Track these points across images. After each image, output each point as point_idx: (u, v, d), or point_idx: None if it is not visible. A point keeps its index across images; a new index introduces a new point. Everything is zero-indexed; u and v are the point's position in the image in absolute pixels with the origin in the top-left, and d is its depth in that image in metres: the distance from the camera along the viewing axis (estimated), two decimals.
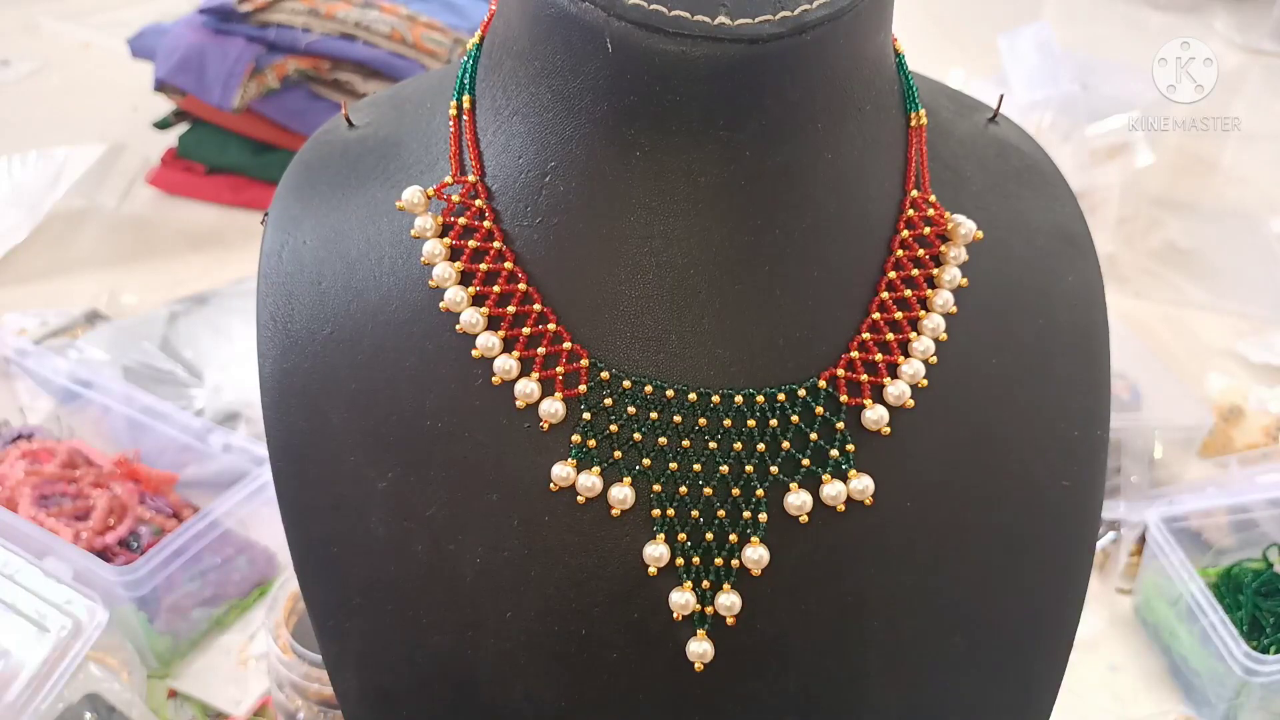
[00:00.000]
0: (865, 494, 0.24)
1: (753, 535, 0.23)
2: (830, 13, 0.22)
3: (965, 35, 1.21)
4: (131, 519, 0.58)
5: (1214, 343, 0.83)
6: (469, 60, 0.26)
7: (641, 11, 0.21)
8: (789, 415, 0.23)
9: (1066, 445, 0.26)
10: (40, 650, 0.47)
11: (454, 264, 0.24)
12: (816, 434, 0.24)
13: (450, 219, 0.24)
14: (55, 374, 0.68)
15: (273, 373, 0.25)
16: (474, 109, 0.25)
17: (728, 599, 0.23)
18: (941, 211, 0.25)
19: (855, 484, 0.24)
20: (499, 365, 0.24)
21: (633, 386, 0.23)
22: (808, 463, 0.23)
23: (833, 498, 0.24)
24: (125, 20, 1.07)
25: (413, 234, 0.24)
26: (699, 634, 0.24)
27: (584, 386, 0.23)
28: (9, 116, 1.16)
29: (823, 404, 0.24)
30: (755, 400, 0.23)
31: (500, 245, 0.24)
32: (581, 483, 0.23)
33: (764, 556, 0.23)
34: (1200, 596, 0.55)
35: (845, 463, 0.24)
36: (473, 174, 0.25)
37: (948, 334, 0.25)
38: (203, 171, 0.99)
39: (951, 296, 0.25)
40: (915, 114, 0.26)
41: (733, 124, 0.22)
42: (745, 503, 0.23)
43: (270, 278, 0.26)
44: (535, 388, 0.23)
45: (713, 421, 0.23)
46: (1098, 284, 0.28)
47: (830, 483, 0.24)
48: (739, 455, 0.23)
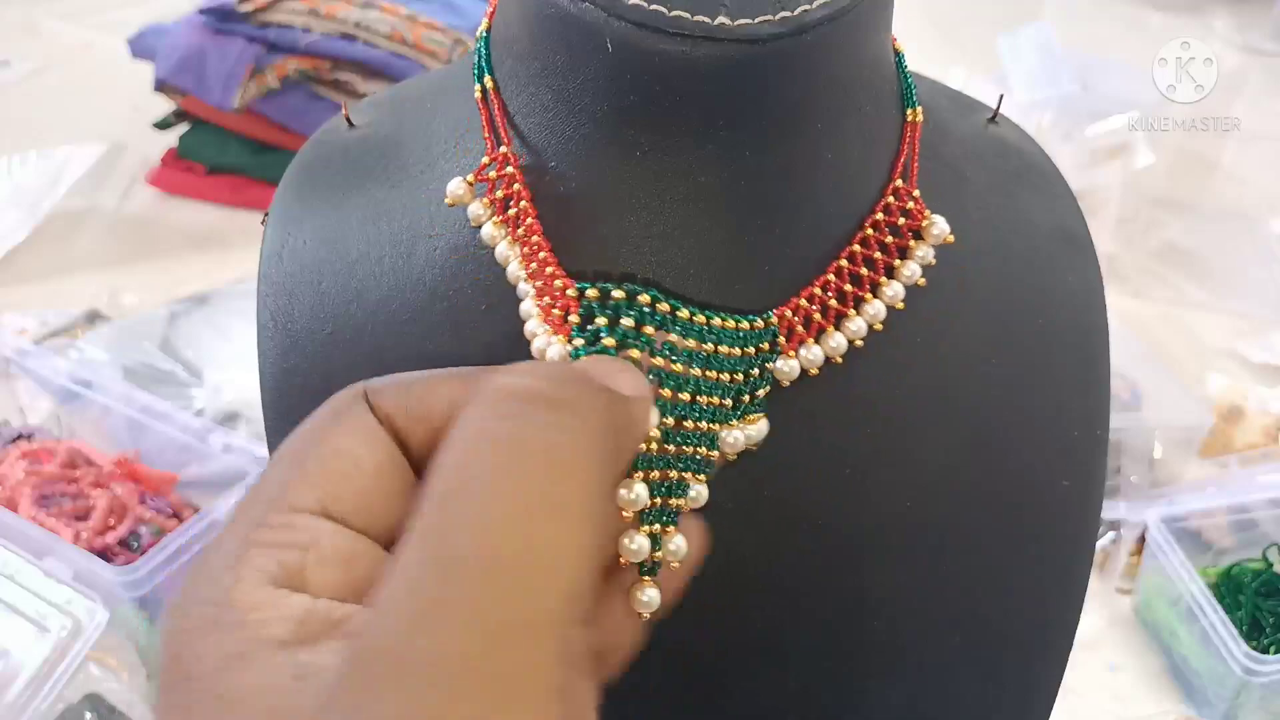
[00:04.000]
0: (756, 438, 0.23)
1: (700, 472, 0.22)
2: (830, 13, 0.22)
3: (965, 35, 1.21)
4: (131, 519, 0.58)
5: (1214, 343, 0.83)
6: (480, 45, 0.26)
7: (641, 11, 0.21)
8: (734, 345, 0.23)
9: (1066, 445, 0.26)
10: (40, 650, 0.47)
11: (509, 238, 0.24)
12: (756, 370, 0.23)
13: (494, 196, 0.24)
14: (55, 374, 0.68)
15: (273, 373, 0.25)
16: (497, 89, 0.25)
17: (674, 541, 0.22)
18: (922, 208, 0.25)
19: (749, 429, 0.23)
20: (538, 345, 0.23)
21: (626, 295, 0.22)
22: (729, 403, 0.23)
23: (730, 444, 0.23)
24: (125, 20, 1.07)
25: (473, 223, 0.24)
26: (645, 580, 0.22)
27: (575, 317, 0.23)
28: (9, 116, 1.16)
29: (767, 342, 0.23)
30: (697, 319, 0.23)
31: (526, 204, 0.24)
32: None
33: (703, 493, 0.22)
34: (1200, 596, 0.55)
35: (754, 408, 0.23)
36: (504, 145, 0.24)
37: (945, 333, 0.25)
38: (203, 171, 0.99)
39: (902, 291, 0.24)
40: (912, 110, 0.26)
41: (733, 124, 0.22)
42: (696, 438, 0.23)
43: (270, 278, 0.26)
44: (564, 349, 0.23)
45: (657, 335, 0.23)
46: (1098, 284, 0.28)
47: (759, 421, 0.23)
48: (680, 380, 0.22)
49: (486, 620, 0.13)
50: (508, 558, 0.14)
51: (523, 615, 0.13)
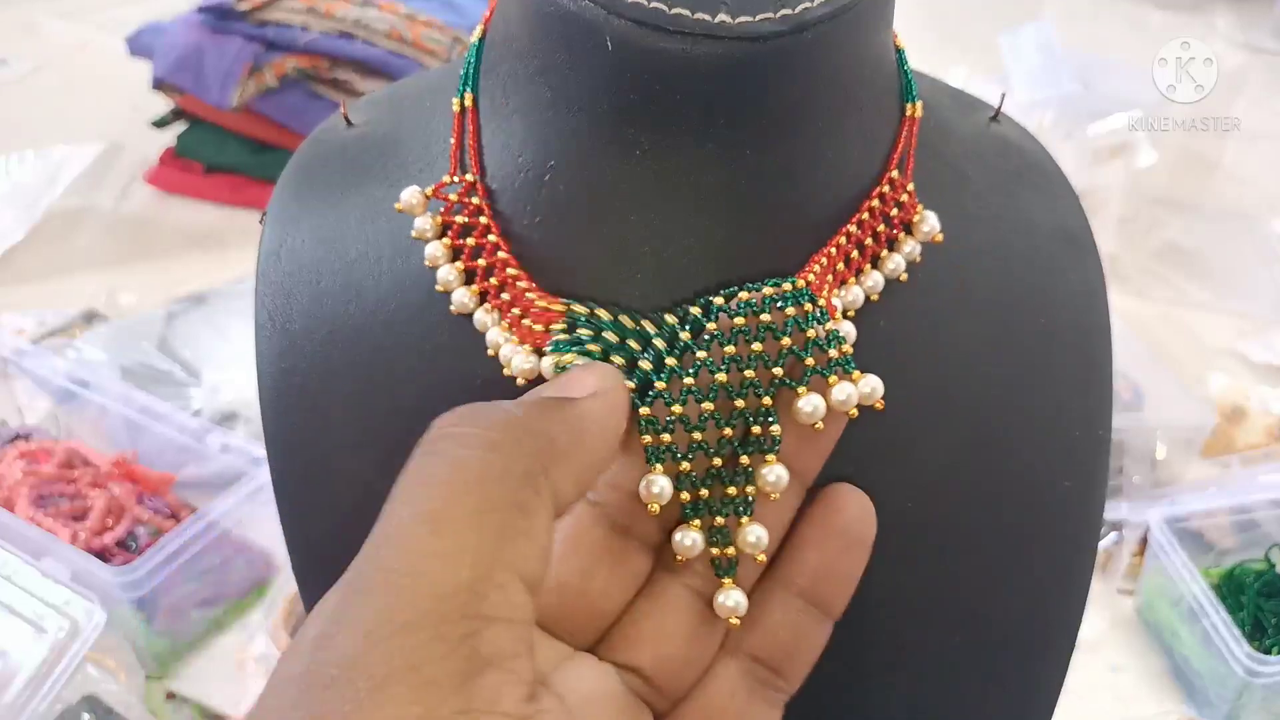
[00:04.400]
0: (874, 396, 0.22)
1: (768, 452, 0.21)
2: (831, 11, 0.21)
3: (966, 34, 1.21)
4: (129, 519, 0.58)
5: (1216, 342, 0.83)
6: (471, 55, 0.26)
7: (641, 9, 0.21)
8: (785, 306, 0.22)
9: (1068, 445, 0.26)
10: (38, 651, 0.47)
11: (456, 265, 0.24)
12: (813, 330, 0.22)
13: (448, 218, 0.24)
14: (53, 374, 0.68)
15: (271, 373, 0.25)
16: (476, 106, 0.25)
17: (753, 533, 0.21)
18: (915, 201, 0.25)
19: (863, 385, 0.22)
20: (517, 364, 0.23)
21: (609, 315, 0.22)
22: (811, 361, 0.21)
23: (842, 402, 0.21)
24: (123, 19, 1.07)
25: (413, 235, 0.24)
26: (726, 583, 0.22)
27: (560, 325, 0.22)
28: (7, 115, 1.16)
29: (807, 302, 0.22)
30: (737, 299, 0.22)
31: (495, 239, 0.24)
32: None
33: (783, 476, 0.21)
34: (1202, 597, 0.55)
35: (847, 365, 0.22)
36: (471, 173, 0.24)
37: (946, 332, 0.25)
38: (201, 170, 0.99)
39: (882, 281, 0.24)
40: (911, 104, 0.25)
41: (734, 122, 0.22)
42: (753, 417, 0.22)
43: (268, 277, 0.26)
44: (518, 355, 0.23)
45: (698, 332, 0.22)
46: (1100, 284, 0.28)
47: (839, 384, 0.21)
48: (736, 360, 0.21)
49: (362, 626, 0.15)
50: (380, 576, 0.16)
51: (390, 623, 0.15)
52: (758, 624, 0.22)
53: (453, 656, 0.15)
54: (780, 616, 0.22)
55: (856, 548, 0.22)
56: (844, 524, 0.22)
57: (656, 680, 0.22)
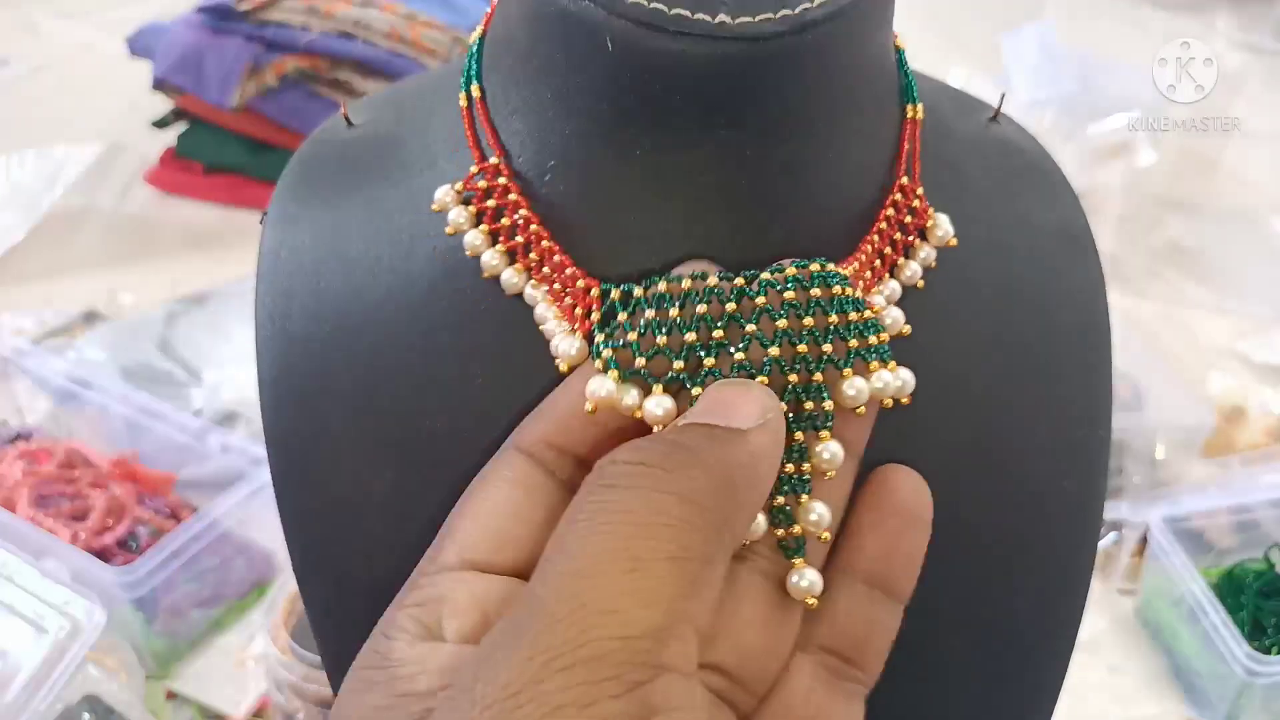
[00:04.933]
0: (904, 391, 0.22)
1: (821, 429, 0.21)
2: (831, 11, 0.21)
3: (967, 34, 1.21)
4: (130, 519, 0.58)
5: (1216, 343, 0.83)
6: (474, 51, 0.26)
7: (641, 10, 0.21)
8: (830, 285, 0.21)
9: (1068, 446, 0.26)
10: (38, 651, 0.47)
11: (497, 248, 0.24)
12: (856, 312, 0.21)
13: (481, 205, 0.24)
14: (53, 374, 0.68)
15: (271, 373, 0.25)
16: (484, 97, 0.25)
17: (814, 510, 0.21)
18: (926, 206, 0.25)
19: (897, 377, 0.22)
20: (559, 346, 0.23)
21: (646, 291, 0.22)
22: (855, 343, 0.21)
23: (880, 389, 0.21)
24: (124, 19, 1.07)
25: (448, 231, 0.24)
26: (797, 563, 0.21)
27: (597, 313, 0.22)
28: (7, 115, 1.15)
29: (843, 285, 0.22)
30: (786, 272, 0.21)
31: (525, 212, 0.24)
32: (593, 388, 0.21)
33: (838, 453, 0.21)
34: (1202, 597, 0.55)
35: (884, 354, 0.21)
36: (494, 156, 0.24)
37: (946, 333, 0.25)
38: (201, 171, 0.99)
39: (899, 289, 0.24)
40: (912, 106, 0.25)
41: (733, 123, 0.22)
42: (805, 392, 0.21)
43: (268, 277, 0.26)
44: (580, 344, 0.22)
45: (744, 305, 0.21)
46: (1100, 284, 0.28)
47: (879, 370, 0.21)
48: (787, 335, 0.21)
49: (538, 658, 0.15)
50: (567, 606, 0.16)
51: (573, 654, 0.15)
52: (824, 615, 0.22)
53: (626, 699, 0.15)
54: (847, 605, 0.22)
55: (916, 527, 0.22)
56: (899, 503, 0.22)
57: (739, 675, 0.21)
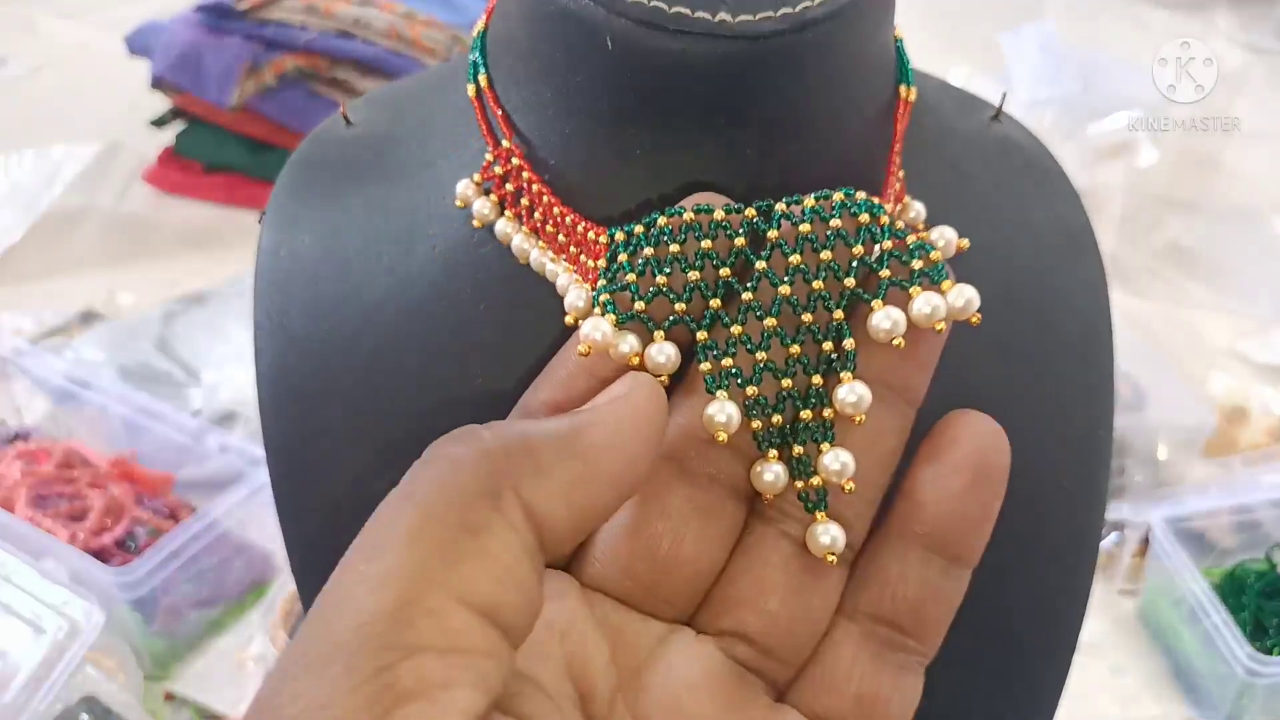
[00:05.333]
0: (970, 309, 0.19)
1: (841, 370, 0.19)
2: (832, 10, 0.21)
3: (967, 33, 1.21)
4: (128, 520, 0.58)
5: (1217, 342, 0.83)
6: (477, 44, 0.26)
7: (641, 9, 0.21)
8: (855, 215, 0.19)
9: (1069, 446, 0.26)
10: (37, 652, 0.47)
11: (523, 229, 0.23)
12: (891, 240, 0.19)
13: (501, 191, 0.24)
14: (52, 374, 0.68)
15: (270, 372, 0.25)
16: (491, 86, 0.25)
17: (836, 459, 0.19)
18: (903, 189, 0.25)
19: (954, 296, 0.19)
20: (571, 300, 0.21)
21: (645, 229, 0.20)
22: (887, 273, 0.19)
23: (924, 316, 0.19)
24: (122, 18, 1.07)
25: (476, 223, 0.24)
26: (819, 516, 0.19)
27: (602, 261, 0.21)
28: (5, 115, 1.15)
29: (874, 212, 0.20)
30: (803, 203, 0.19)
31: (538, 187, 0.23)
32: (586, 330, 0.19)
33: (864, 396, 0.19)
34: (1203, 597, 0.55)
35: (936, 274, 0.19)
36: (505, 139, 0.24)
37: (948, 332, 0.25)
38: (200, 170, 0.99)
39: None
40: (906, 87, 0.25)
41: (734, 122, 0.22)
42: (825, 334, 0.19)
43: (267, 277, 0.26)
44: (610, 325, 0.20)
45: (753, 240, 0.20)
46: (1101, 284, 0.28)
47: (923, 294, 0.19)
48: (802, 270, 0.19)
49: (294, 658, 0.15)
50: (317, 607, 0.15)
51: (315, 651, 0.15)
52: (872, 579, 0.20)
53: (361, 690, 0.14)
54: (900, 569, 0.20)
55: (984, 483, 0.19)
56: (964, 456, 0.19)
57: (766, 642, 0.20)
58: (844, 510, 0.20)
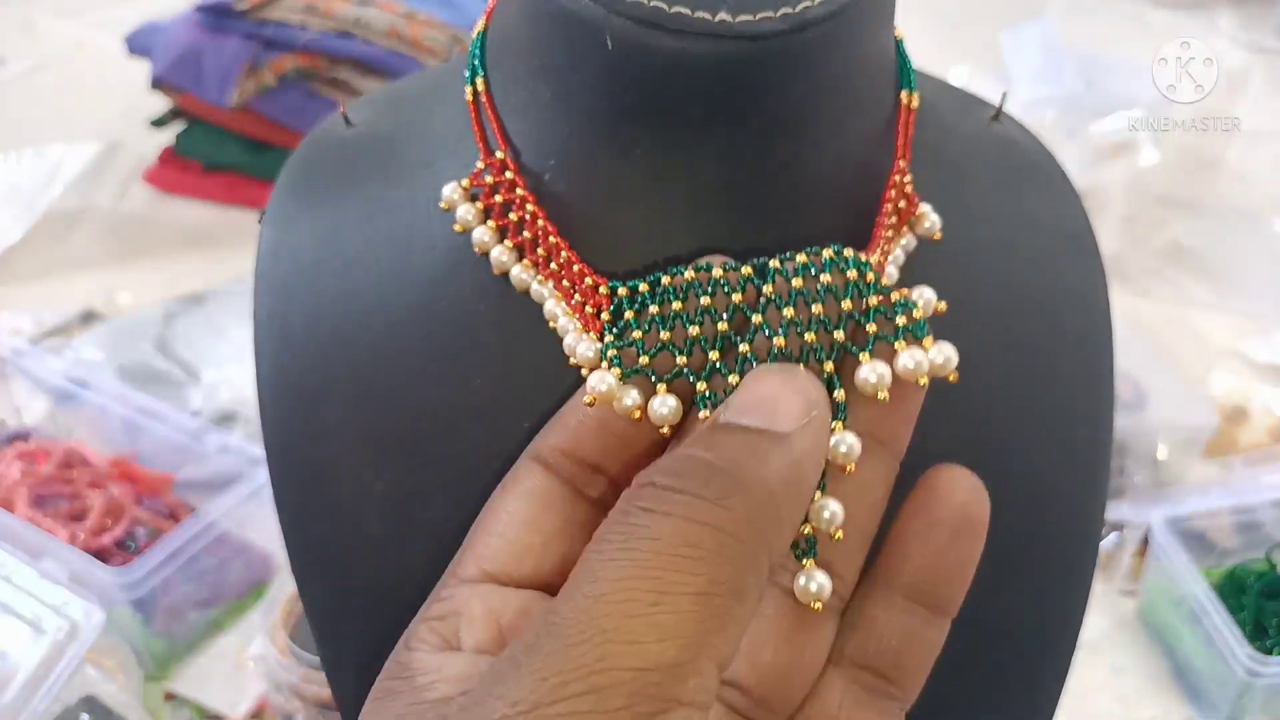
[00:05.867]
0: (949, 366, 0.20)
1: (835, 420, 0.20)
2: (832, 10, 0.21)
3: (968, 33, 1.21)
4: (128, 520, 0.58)
5: (1218, 343, 0.83)
6: (476, 46, 0.26)
7: (641, 8, 0.21)
8: (843, 270, 0.20)
9: (1069, 446, 0.26)
10: (36, 652, 0.47)
11: (505, 244, 0.23)
12: (877, 296, 0.20)
13: (489, 200, 0.24)
14: (51, 374, 0.68)
15: (269, 373, 0.25)
16: (489, 90, 0.25)
17: (826, 507, 0.19)
18: (915, 196, 0.25)
19: (934, 353, 0.20)
20: (563, 326, 0.22)
21: (649, 287, 0.21)
22: (874, 328, 0.20)
23: (909, 371, 0.19)
24: (121, 18, 1.07)
25: (456, 228, 0.24)
26: (807, 563, 0.20)
27: (606, 314, 0.22)
28: (4, 114, 1.15)
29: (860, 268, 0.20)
30: (796, 259, 0.20)
31: (533, 207, 0.23)
32: (593, 383, 0.20)
33: (854, 445, 0.19)
34: (1204, 598, 0.55)
35: (918, 330, 0.20)
36: (499, 150, 0.24)
37: (946, 333, 0.25)
38: (200, 170, 0.99)
39: (895, 272, 0.24)
40: (908, 93, 0.25)
41: (734, 121, 0.22)
42: None
43: (267, 277, 0.26)
44: (593, 347, 0.21)
45: (749, 294, 0.20)
46: (1102, 283, 0.28)
47: (907, 349, 0.20)
48: (794, 324, 0.20)
49: (551, 679, 0.15)
50: (587, 631, 0.16)
51: (585, 680, 0.15)
52: (858, 627, 0.21)
53: None
54: (883, 617, 0.20)
55: (967, 535, 0.20)
56: (950, 511, 0.20)
57: (760, 693, 0.20)
58: (834, 559, 0.20)
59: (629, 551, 0.16)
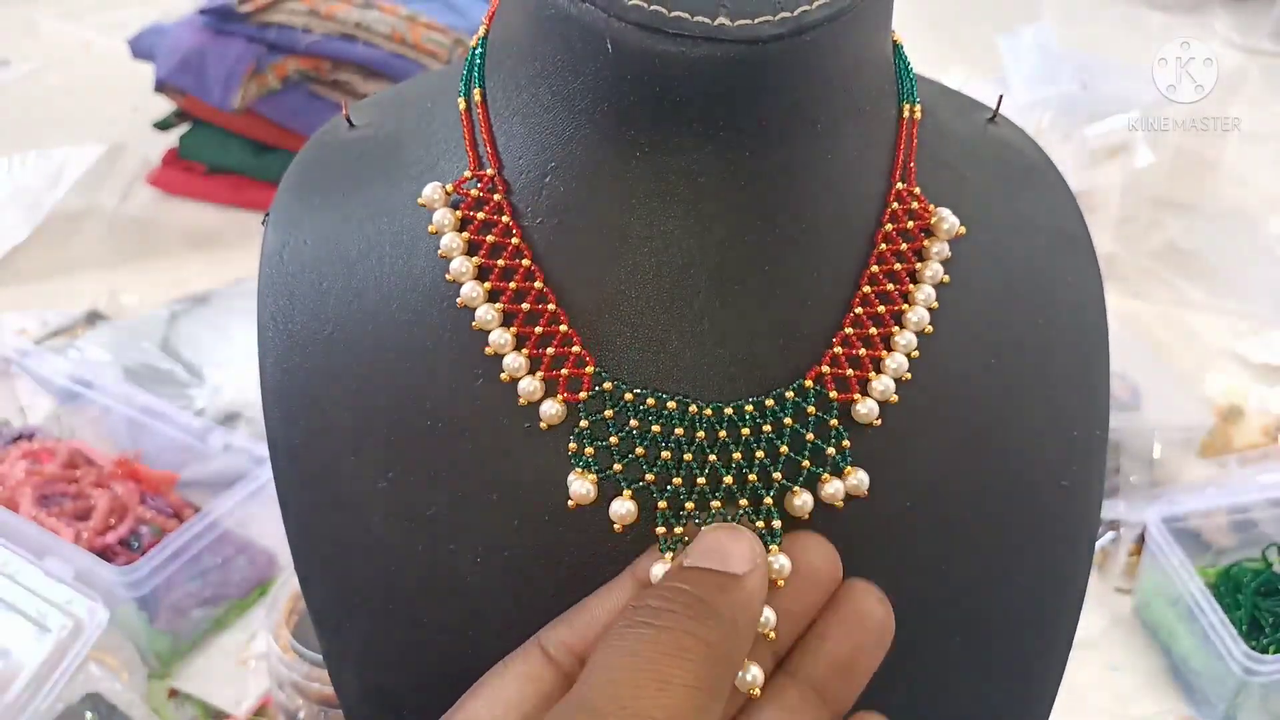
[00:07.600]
0: (860, 488, 0.24)
1: (770, 544, 0.23)
2: (830, 13, 0.22)
3: (965, 35, 1.21)
4: (132, 519, 0.58)
5: (1214, 342, 0.83)
6: (474, 54, 0.26)
7: (642, 12, 0.21)
8: (782, 419, 0.24)
9: (1065, 445, 0.26)
10: (41, 650, 0.47)
11: (471, 259, 0.24)
12: (813, 433, 0.24)
13: (469, 213, 0.24)
14: (55, 374, 0.69)
15: (273, 373, 0.25)
16: (485, 102, 0.25)
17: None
18: (926, 204, 0.25)
19: (850, 480, 0.24)
20: (508, 362, 0.23)
21: (634, 399, 0.23)
22: (807, 464, 0.23)
23: (831, 496, 0.23)
24: (125, 20, 1.07)
25: (430, 229, 0.24)
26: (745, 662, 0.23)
27: (585, 394, 0.23)
28: (9, 116, 1.16)
29: (814, 403, 0.24)
30: (745, 410, 0.23)
31: (518, 241, 0.24)
32: (575, 489, 0.23)
33: (785, 564, 0.23)
34: (1200, 596, 0.55)
35: (842, 460, 0.24)
36: (490, 167, 0.24)
37: (945, 334, 0.25)
38: (203, 172, 0.99)
39: (933, 291, 0.25)
40: (910, 105, 0.26)
41: (733, 124, 0.22)
42: (756, 513, 0.23)
43: (271, 278, 0.26)
44: (539, 386, 0.23)
45: (710, 434, 0.23)
46: (1097, 284, 0.28)
47: (829, 481, 0.23)
48: (740, 465, 0.23)
49: None
50: (612, 705, 0.19)
51: None
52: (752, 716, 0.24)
53: None
54: (776, 707, 0.23)
55: (877, 644, 0.24)
56: (864, 619, 0.24)
57: None
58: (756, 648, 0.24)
59: (638, 648, 0.20)
